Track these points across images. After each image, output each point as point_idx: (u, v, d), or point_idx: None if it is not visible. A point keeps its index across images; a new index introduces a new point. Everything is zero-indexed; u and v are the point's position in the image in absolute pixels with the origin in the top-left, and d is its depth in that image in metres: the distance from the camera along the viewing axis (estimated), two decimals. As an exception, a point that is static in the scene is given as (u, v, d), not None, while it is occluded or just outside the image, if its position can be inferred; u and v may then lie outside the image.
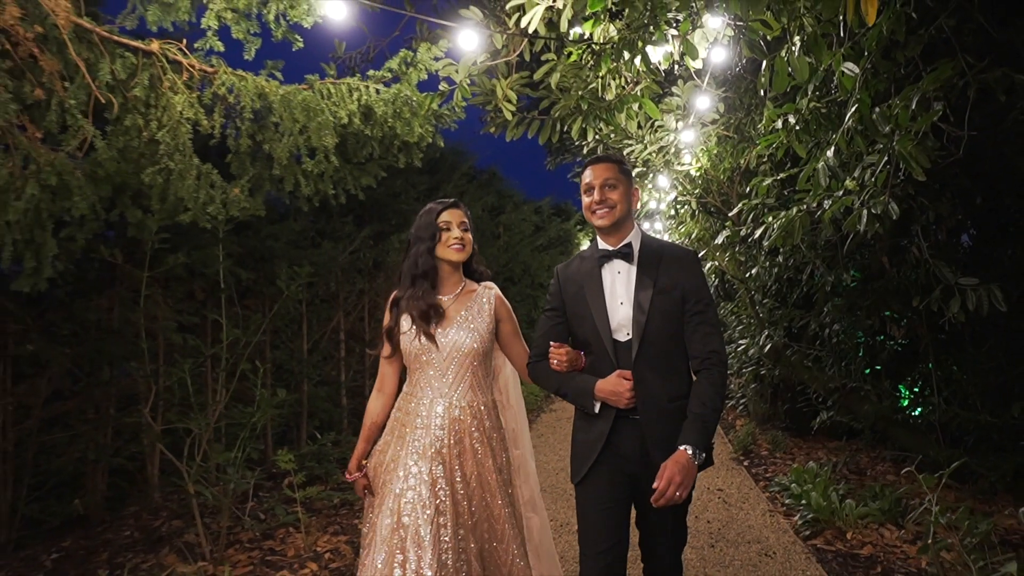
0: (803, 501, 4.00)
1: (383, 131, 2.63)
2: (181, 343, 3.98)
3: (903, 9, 2.71)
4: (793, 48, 2.38)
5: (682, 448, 1.65)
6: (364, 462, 2.11)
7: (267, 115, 2.45)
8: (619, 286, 1.86)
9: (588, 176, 1.90)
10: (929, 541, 2.18)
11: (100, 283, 4.18)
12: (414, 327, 1.97)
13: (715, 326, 1.82)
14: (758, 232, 3.87)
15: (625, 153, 4.93)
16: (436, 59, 2.78)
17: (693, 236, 5.82)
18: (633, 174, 1.84)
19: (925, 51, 3.12)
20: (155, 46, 2.30)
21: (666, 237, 6.55)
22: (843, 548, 3.49)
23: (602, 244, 1.92)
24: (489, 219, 8.88)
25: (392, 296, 2.09)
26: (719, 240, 5.03)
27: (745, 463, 5.51)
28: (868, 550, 3.44)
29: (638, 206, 1.86)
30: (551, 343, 1.91)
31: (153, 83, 2.26)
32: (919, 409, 4.97)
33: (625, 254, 1.87)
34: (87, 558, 3.58)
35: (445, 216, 2.01)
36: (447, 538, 1.80)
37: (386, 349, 2.07)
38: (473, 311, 2.03)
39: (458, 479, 1.91)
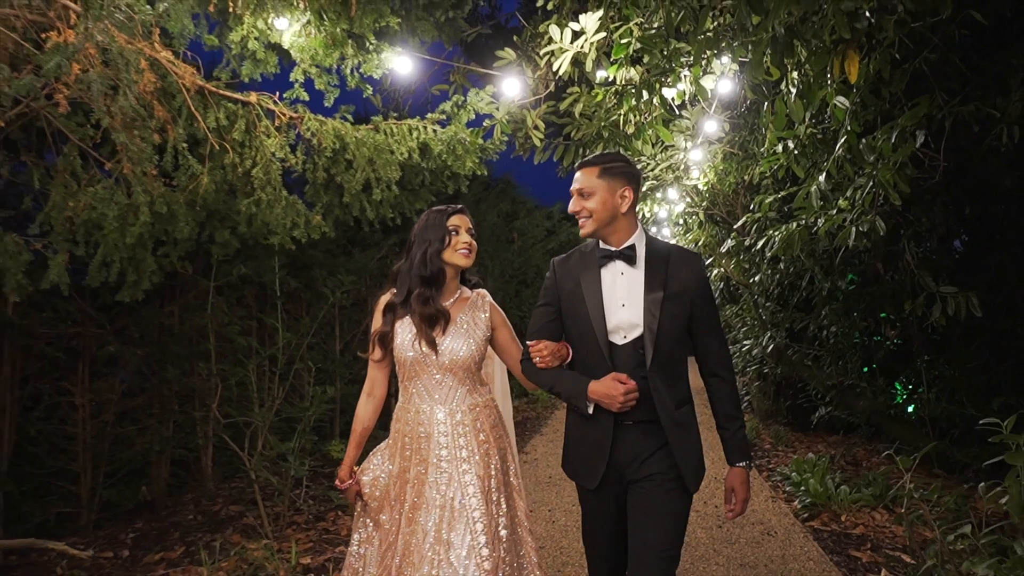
0: (802, 488, 4.40)
1: (437, 164, 3.04)
2: (244, 345, 4.40)
3: (888, 50, 3.10)
4: (789, 95, 2.77)
5: (738, 467, 1.81)
6: (355, 469, 2.06)
7: (341, 152, 2.86)
8: (620, 288, 1.79)
9: (573, 182, 1.85)
10: (903, 511, 2.58)
11: (162, 291, 4.61)
12: (413, 332, 1.91)
13: (720, 329, 1.87)
14: (761, 243, 4.28)
15: (637, 167, 5.34)
16: (480, 99, 3.19)
17: (700, 243, 6.22)
18: (633, 178, 1.82)
19: (910, 81, 3.49)
20: (253, 98, 2.73)
21: (674, 243, 6.95)
22: (837, 529, 3.89)
23: (603, 243, 1.83)
24: (504, 225, 9.32)
25: (386, 300, 2.01)
26: (724, 248, 5.43)
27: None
28: (860, 530, 3.83)
29: (631, 205, 1.82)
30: (528, 342, 1.86)
31: (249, 128, 2.69)
32: (912, 407, 5.35)
33: (628, 256, 1.79)
34: (160, 538, 4.01)
35: (455, 220, 1.96)
36: (460, 545, 1.78)
37: (377, 353, 2.00)
38: (469, 319, 1.98)
39: (469, 483, 1.86)
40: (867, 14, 2.21)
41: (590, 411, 1.78)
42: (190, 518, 4.39)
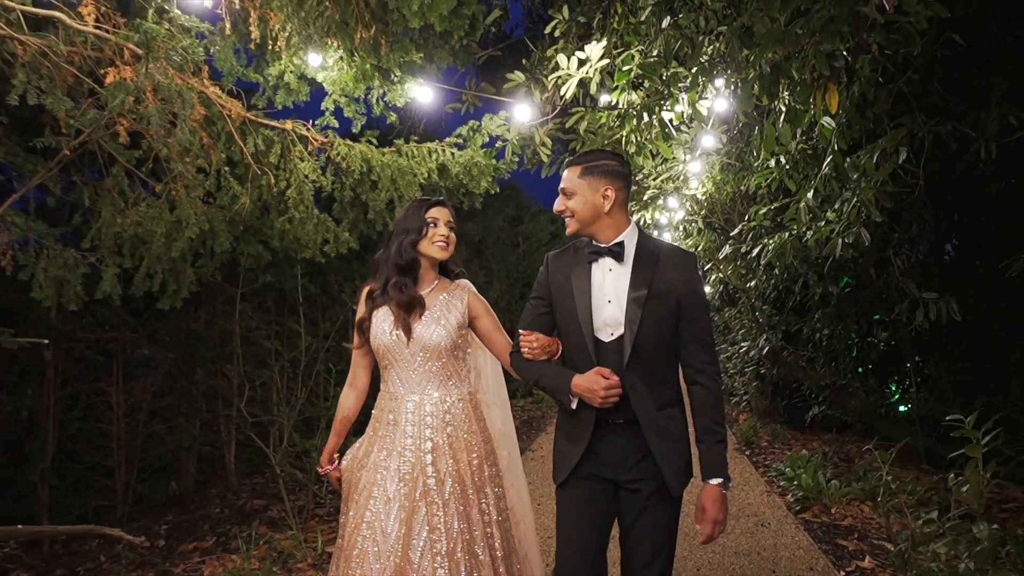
0: (795, 482, 4.65)
1: (454, 183, 3.31)
2: (269, 348, 4.66)
3: (872, 74, 3.34)
4: (778, 119, 3.01)
5: (713, 484, 1.69)
6: (336, 456, 2.10)
7: (367, 174, 3.13)
8: (608, 285, 1.77)
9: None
10: (879, 499, 2.83)
11: (190, 297, 4.87)
12: (390, 320, 1.94)
13: (709, 336, 1.79)
14: (756, 250, 4.53)
15: (638, 178, 5.59)
16: (493, 123, 3.46)
17: (699, 249, 6.47)
18: (618, 175, 1.80)
19: (896, 97, 3.73)
20: (288, 125, 2.99)
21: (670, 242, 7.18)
22: (827, 520, 4.13)
23: (594, 240, 1.82)
24: (509, 229, 9.59)
25: (367, 288, 2.05)
26: (722, 254, 5.68)
27: (747, 453, 6.15)
28: (848, 521, 4.08)
29: (615, 203, 1.79)
30: (520, 331, 1.85)
31: (284, 152, 2.95)
32: (903, 407, 5.59)
33: (616, 253, 1.77)
34: (191, 529, 4.28)
35: (433, 212, 1.99)
36: (417, 537, 1.80)
37: (357, 340, 2.04)
38: (443, 307, 1.99)
39: (430, 475, 1.87)
40: (844, 53, 2.45)
41: (573, 406, 1.77)
42: (217, 511, 4.65)
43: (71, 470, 4.20)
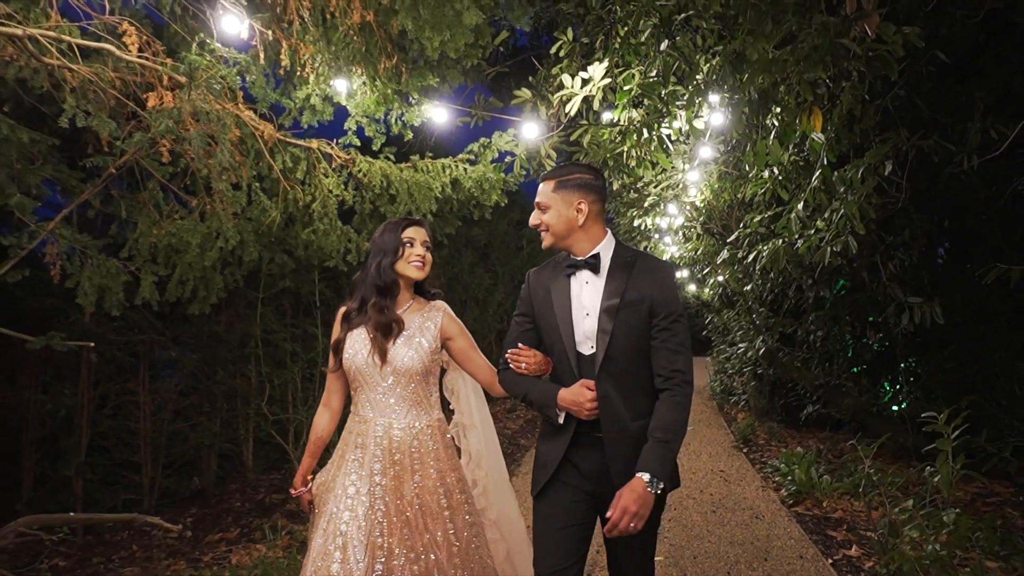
0: (789, 478, 4.86)
1: (466, 195, 3.54)
2: (289, 350, 4.90)
3: (859, 92, 3.56)
4: (768, 136, 3.23)
5: (639, 476, 1.57)
6: (310, 477, 2.06)
7: (386, 188, 3.37)
8: (586, 297, 1.78)
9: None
10: (860, 490, 3.05)
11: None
12: (365, 341, 1.92)
13: (682, 344, 1.72)
14: (751, 256, 4.75)
15: (639, 186, 5.82)
16: (502, 139, 3.70)
17: (698, 253, 6.70)
18: (591, 188, 1.80)
19: (885, 111, 3.93)
20: (314, 144, 3.22)
21: (675, 251, 7.41)
22: (819, 513, 4.35)
23: (571, 254, 1.83)
24: (514, 233, 9.83)
25: (343, 309, 2.02)
26: (720, 259, 5.90)
27: (745, 450, 6.37)
28: (839, 514, 4.29)
29: (589, 216, 1.80)
30: (519, 346, 1.86)
31: (310, 168, 3.18)
32: (896, 407, 5.79)
33: (592, 265, 1.78)
34: (216, 521, 4.51)
35: (410, 232, 1.98)
36: (381, 562, 1.79)
37: (332, 363, 2.01)
38: (416, 329, 1.98)
39: (396, 501, 1.87)
40: (827, 80, 2.66)
41: (560, 420, 1.76)
42: (238, 505, 4.89)
43: (102, 465, 4.43)
